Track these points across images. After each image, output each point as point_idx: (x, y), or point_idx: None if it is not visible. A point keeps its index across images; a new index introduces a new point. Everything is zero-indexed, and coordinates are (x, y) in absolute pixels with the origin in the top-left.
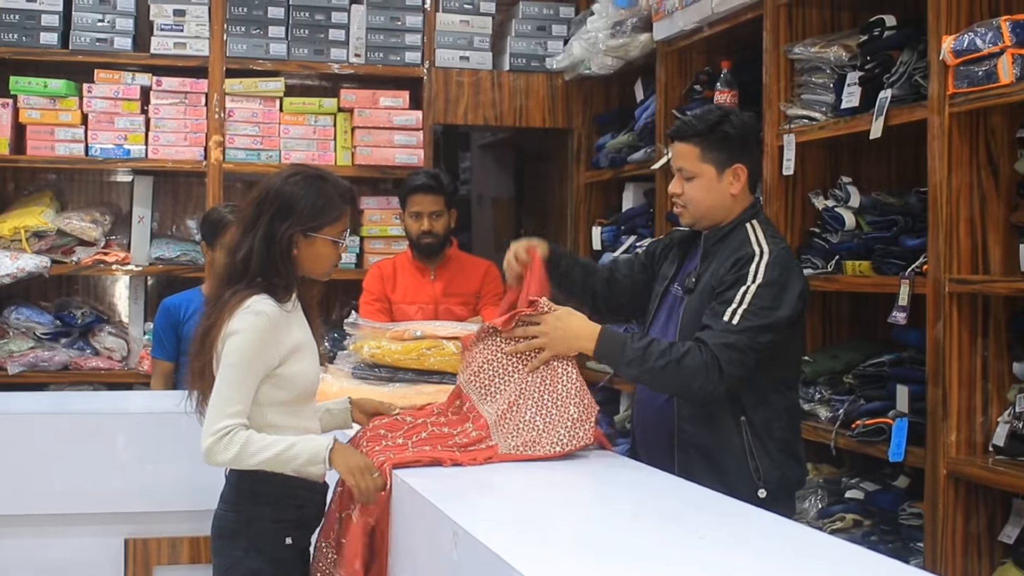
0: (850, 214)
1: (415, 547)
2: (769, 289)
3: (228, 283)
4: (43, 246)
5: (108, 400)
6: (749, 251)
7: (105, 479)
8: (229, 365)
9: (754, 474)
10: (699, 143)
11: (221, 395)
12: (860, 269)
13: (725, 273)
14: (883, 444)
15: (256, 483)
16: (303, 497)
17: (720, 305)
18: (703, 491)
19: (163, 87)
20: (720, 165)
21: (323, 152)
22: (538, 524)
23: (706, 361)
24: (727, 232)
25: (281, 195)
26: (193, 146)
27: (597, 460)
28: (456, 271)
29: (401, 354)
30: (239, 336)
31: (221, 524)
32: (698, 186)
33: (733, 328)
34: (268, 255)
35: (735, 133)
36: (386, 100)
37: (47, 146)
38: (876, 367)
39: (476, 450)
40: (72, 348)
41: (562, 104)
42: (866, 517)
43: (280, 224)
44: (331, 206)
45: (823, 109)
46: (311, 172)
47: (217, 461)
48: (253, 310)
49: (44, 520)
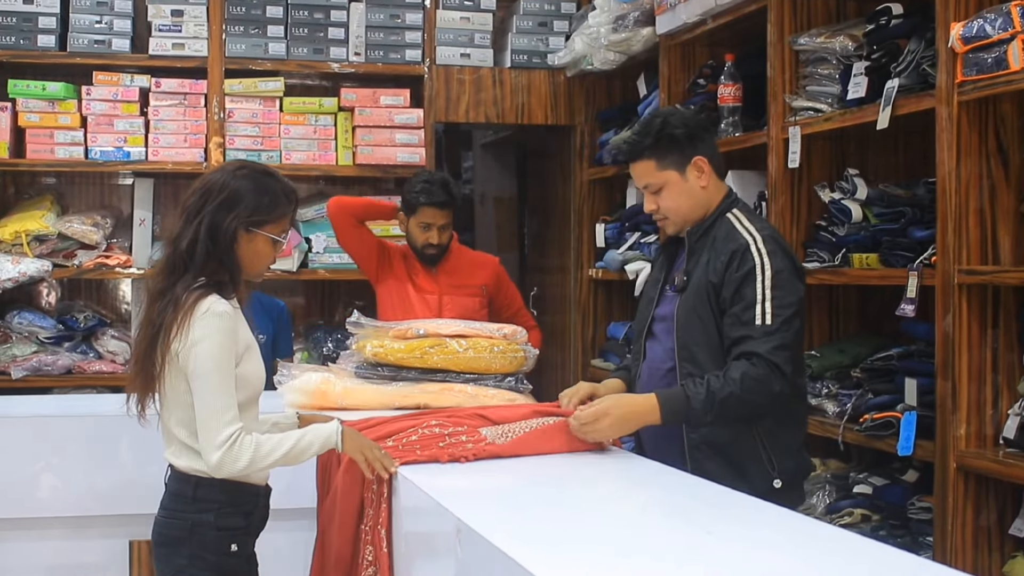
0: (857, 206)
1: (419, 545)
2: (781, 276)
3: (171, 274)
4: (44, 250)
5: (111, 403)
6: (741, 241)
7: (109, 481)
8: (207, 373)
9: (768, 465)
10: (651, 155)
11: (211, 405)
12: (867, 262)
13: (724, 269)
14: (892, 438)
15: (199, 488)
16: (249, 503)
17: (744, 311)
18: (712, 486)
19: (162, 88)
20: (679, 166)
21: (324, 152)
22: (544, 520)
23: (766, 372)
24: (709, 225)
25: (227, 187)
26: (193, 147)
27: (605, 456)
28: (457, 265)
29: (404, 353)
30: (207, 343)
31: (162, 531)
32: (670, 195)
33: (772, 328)
34: (213, 246)
35: (680, 131)
36: (387, 99)
37: (47, 149)
38: (884, 361)
39: (475, 446)
40: (75, 352)
41: (564, 100)
42: (874, 512)
43: (225, 215)
44: (276, 203)
45: (829, 100)
46: (258, 167)
47: (230, 472)
48: (214, 312)
49: (48, 523)
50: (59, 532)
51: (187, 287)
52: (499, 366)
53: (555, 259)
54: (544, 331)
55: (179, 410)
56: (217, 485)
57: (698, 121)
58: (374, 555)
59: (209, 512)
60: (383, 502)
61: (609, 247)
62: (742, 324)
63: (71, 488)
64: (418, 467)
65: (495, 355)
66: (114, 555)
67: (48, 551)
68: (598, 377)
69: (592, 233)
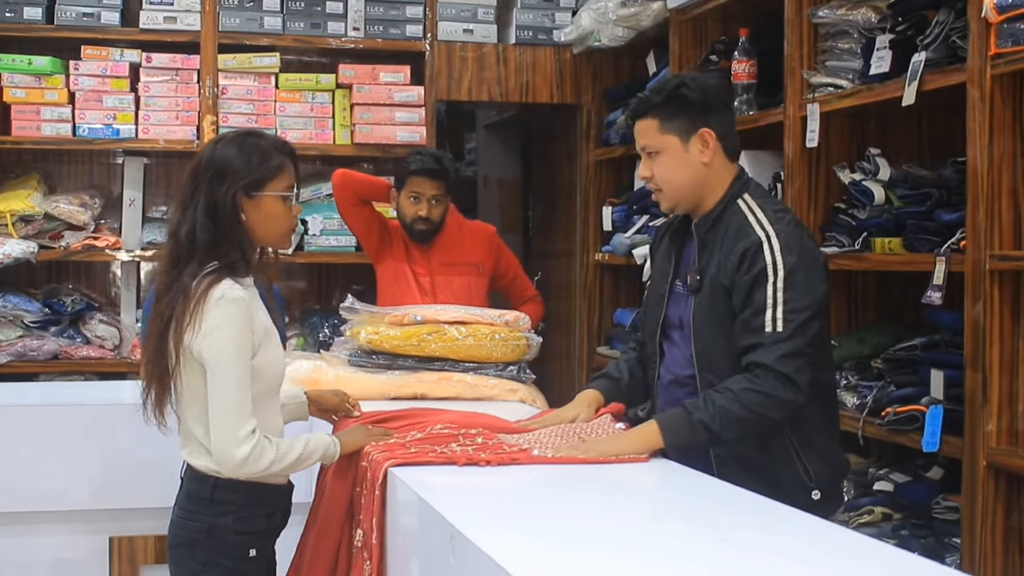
0: (879, 188)
1: (412, 550)
2: (795, 277)
3: (176, 265)
4: (30, 231)
5: (97, 391)
6: (754, 238)
7: (88, 474)
8: (223, 364)
9: (804, 476)
10: (657, 115)
11: (230, 398)
12: (890, 246)
13: (735, 270)
14: (916, 433)
15: (219, 489)
16: (271, 504)
17: (754, 317)
18: (732, 489)
19: (153, 64)
20: (683, 133)
21: (321, 130)
22: (546, 527)
23: (772, 384)
24: (719, 214)
25: (213, 160)
26: (185, 125)
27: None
28: (453, 241)
29: (400, 340)
30: (222, 331)
31: (177, 532)
32: (666, 162)
33: (783, 336)
34: (215, 225)
35: (694, 96)
36: (386, 76)
37: (33, 126)
38: (907, 351)
39: (503, 452)
40: (62, 337)
41: (570, 79)
42: (896, 510)
43: (219, 188)
44: (268, 158)
45: (850, 76)
46: (240, 131)
47: (251, 471)
48: (228, 298)
49: (24, 518)
50: (34, 528)
51: (195, 275)
52: (500, 354)
53: (560, 243)
54: (548, 318)
55: (195, 406)
56: (237, 486)
57: (719, 92)
58: (369, 555)
59: (227, 515)
60: (376, 500)
61: (616, 231)
62: (751, 331)
63: (47, 481)
64: (413, 469)
65: (496, 343)
66: (93, 552)
67: (22, 547)
68: (603, 365)
69: (599, 216)
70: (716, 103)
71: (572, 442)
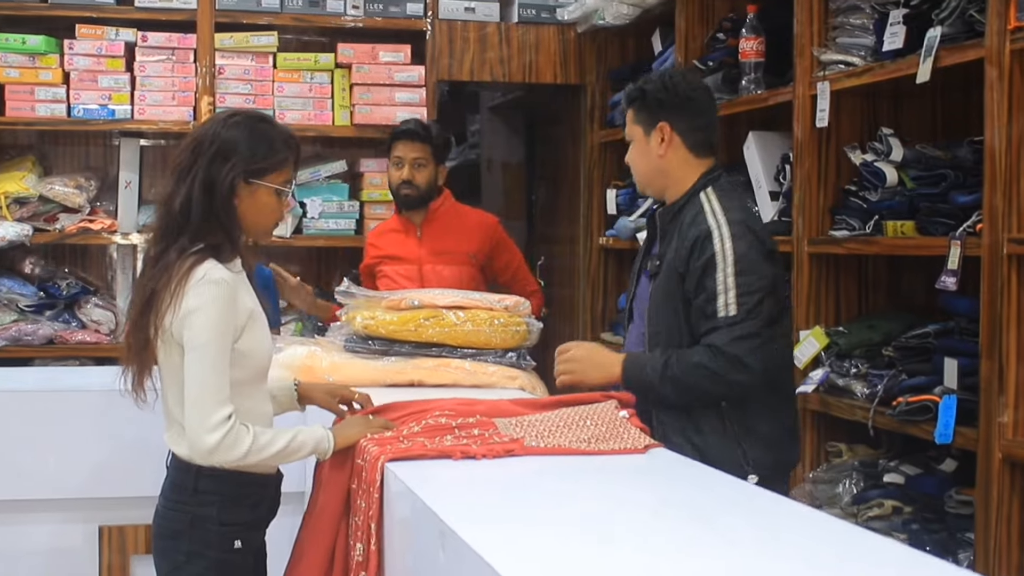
0: (892, 169)
1: (405, 547)
2: (743, 262)
3: (164, 237)
4: (24, 213)
5: (88, 376)
6: (704, 228)
7: (78, 462)
8: (201, 346)
9: (742, 459)
10: (632, 105)
11: (205, 382)
12: (903, 230)
13: (686, 257)
14: (928, 424)
15: (202, 479)
16: (257, 495)
17: (708, 303)
18: (735, 482)
19: (149, 43)
20: (646, 125)
21: (320, 111)
22: (540, 523)
23: (723, 365)
24: (681, 206)
25: (220, 137)
26: (182, 106)
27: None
28: (447, 227)
29: (397, 325)
30: (203, 312)
31: (161, 523)
32: (634, 150)
33: (736, 319)
34: (210, 203)
35: (659, 92)
36: (386, 55)
37: (27, 107)
38: (919, 339)
39: (496, 443)
40: (57, 321)
41: (574, 58)
42: (907, 503)
43: (220, 167)
44: (274, 150)
45: (862, 53)
46: (252, 113)
47: (224, 460)
48: (210, 279)
49: (11, 506)
50: (22, 516)
51: (182, 251)
52: (499, 340)
53: (564, 228)
54: (552, 303)
55: (175, 388)
56: (222, 476)
57: (685, 90)
58: (364, 552)
59: (211, 505)
60: (375, 493)
61: (620, 214)
62: (707, 317)
63: (35, 469)
64: (407, 463)
65: (495, 328)
66: (82, 541)
67: (10, 536)
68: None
69: (602, 199)
70: (676, 99)
71: (573, 431)
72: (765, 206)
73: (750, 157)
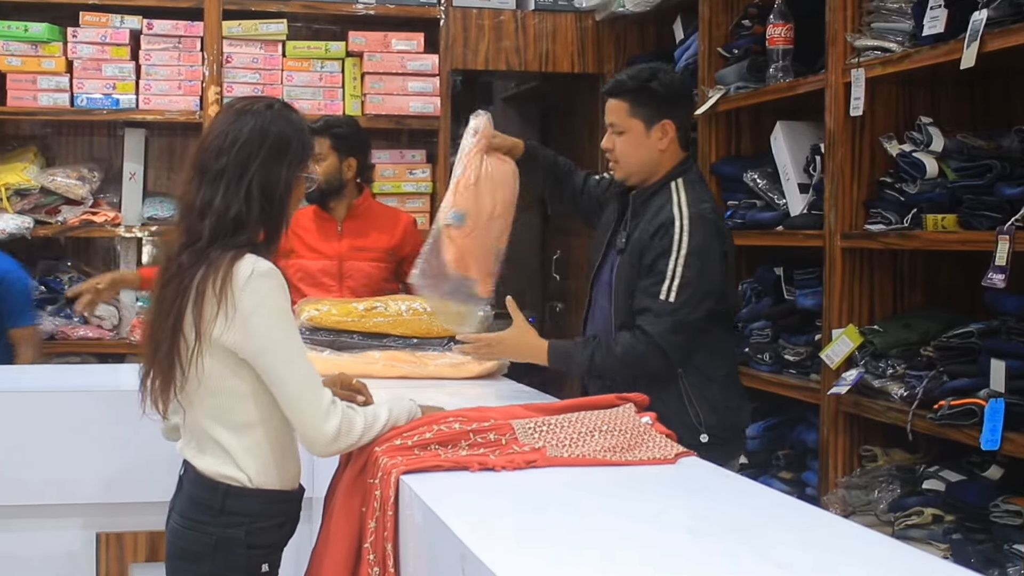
0: (932, 160)
1: (423, 569)
2: (696, 257)
3: (214, 242)
4: (26, 205)
5: (87, 376)
6: (669, 215)
7: (74, 465)
8: (276, 346)
9: (695, 420)
10: (628, 99)
11: (298, 376)
12: (944, 223)
13: (649, 239)
14: (973, 428)
15: (230, 498)
16: (284, 512)
17: (653, 284)
18: (778, 496)
19: (154, 31)
20: (648, 120)
21: (330, 101)
22: (568, 545)
23: (646, 351)
24: (654, 191)
25: (269, 133)
26: (188, 95)
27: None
28: (367, 224)
29: (340, 316)
30: (263, 311)
31: (179, 544)
32: (627, 141)
33: (670, 307)
34: (268, 204)
35: (663, 90)
36: (399, 43)
37: (29, 96)
38: (962, 338)
39: (515, 452)
40: (59, 316)
41: (592, 47)
42: (948, 512)
43: (279, 166)
44: (309, 140)
45: (899, 38)
46: (282, 104)
47: (345, 444)
48: (259, 272)
49: (3, 512)
50: (16, 523)
51: (223, 250)
52: (440, 329)
53: (579, 220)
54: (566, 297)
55: (211, 398)
56: (250, 494)
57: (683, 88)
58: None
59: (239, 527)
60: (388, 510)
61: None
62: (647, 295)
63: (30, 473)
64: (425, 476)
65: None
66: (79, 548)
67: (6, 543)
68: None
69: None
70: (680, 98)
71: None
72: (794, 198)
73: (777, 148)
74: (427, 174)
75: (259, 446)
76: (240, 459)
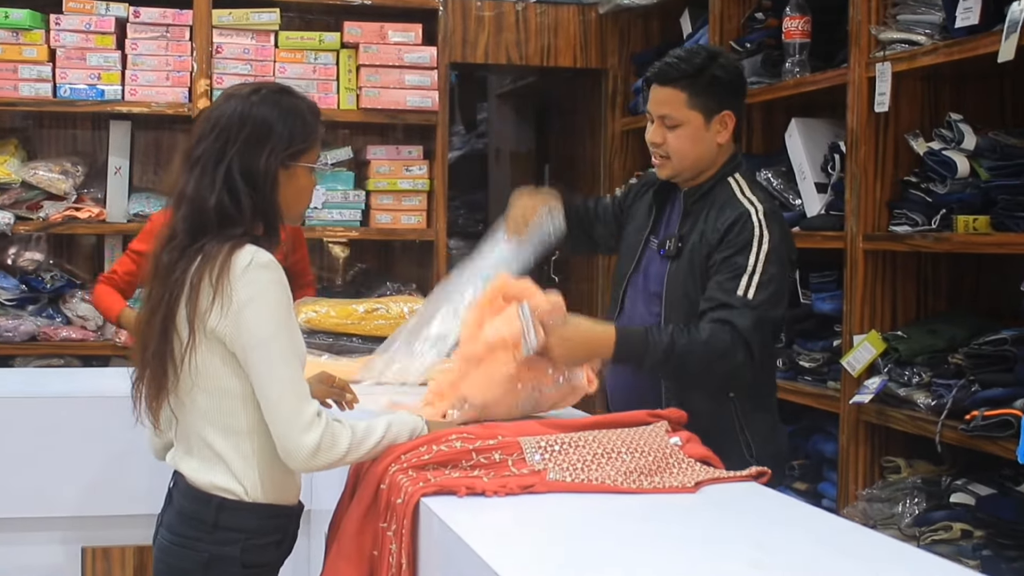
0: (963, 158)
1: None
2: (776, 254)
3: (195, 238)
4: (6, 200)
5: (71, 381)
6: (742, 210)
7: (59, 476)
8: (266, 341)
9: (745, 450)
10: (686, 87)
11: (282, 377)
12: (975, 225)
13: (719, 240)
14: (1008, 440)
15: (225, 513)
16: (281, 529)
17: (729, 279)
18: (842, 524)
19: (141, 19)
20: (709, 112)
21: (324, 94)
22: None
23: (735, 344)
24: (709, 188)
25: (250, 118)
26: (176, 86)
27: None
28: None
29: (340, 318)
30: (260, 303)
31: (169, 561)
32: (684, 135)
33: (751, 303)
34: (250, 196)
35: (725, 76)
36: (396, 35)
37: (10, 86)
38: (994, 345)
39: (508, 476)
40: (40, 316)
41: (595, 41)
42: (977, 527)
43: (258, 152)
44: (307, 126)
45: (928, 31)
46: (274, 87)
47: (326, 461)
48: (258, 263)
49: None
50: (2, 536)
51: (219, 241)
52: None
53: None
54: (568, 298)
55: (206, 399)
56: (246, 509)
57: (742, 73)
58: None
59: (233, 544)
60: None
61: None
62: (724, 290)
63: (11, 484)
64: (448, 499)
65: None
66: (63, 563)
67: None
68: None
69: None
70: (742, 86)
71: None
72: (810, 198)
73: (792, 145)
74: (424, 171)
75: (256, 455)
76: (235, 468)
